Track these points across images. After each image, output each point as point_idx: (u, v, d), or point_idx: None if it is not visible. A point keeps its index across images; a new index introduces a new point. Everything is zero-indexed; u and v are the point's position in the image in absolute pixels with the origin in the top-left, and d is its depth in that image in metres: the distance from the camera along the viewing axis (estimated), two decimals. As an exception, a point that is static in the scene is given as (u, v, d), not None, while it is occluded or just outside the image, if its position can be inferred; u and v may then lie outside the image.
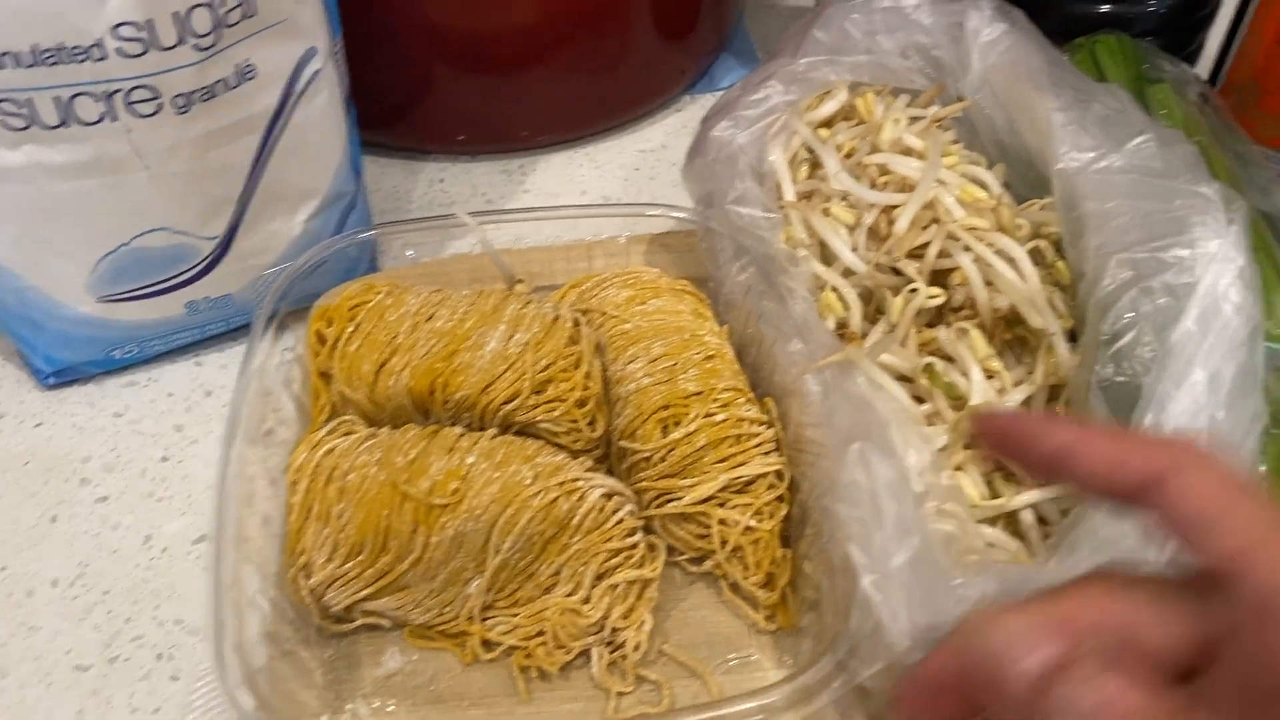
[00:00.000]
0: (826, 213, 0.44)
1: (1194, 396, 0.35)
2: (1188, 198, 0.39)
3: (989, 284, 0.42)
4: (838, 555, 0.35)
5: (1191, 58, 0.60)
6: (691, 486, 0.40)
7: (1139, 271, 0.38)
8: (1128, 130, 0.41)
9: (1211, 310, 0.36)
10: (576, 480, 0.38)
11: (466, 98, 0.59)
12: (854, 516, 0.35)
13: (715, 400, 0.41)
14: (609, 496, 0.39)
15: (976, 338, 0.40)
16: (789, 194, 0.45)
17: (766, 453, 0.41)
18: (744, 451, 0.40)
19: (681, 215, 0.48)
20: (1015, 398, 0.40)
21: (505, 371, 0.41)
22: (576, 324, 0.43)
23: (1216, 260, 0.36)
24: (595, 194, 0.59)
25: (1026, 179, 0.47)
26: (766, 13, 0.73)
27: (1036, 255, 0.43)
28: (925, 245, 0.43)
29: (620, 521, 0.38)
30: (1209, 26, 0.59)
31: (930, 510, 0.36)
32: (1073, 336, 0.41)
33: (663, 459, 0.40)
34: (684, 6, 0.63)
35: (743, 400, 0.41)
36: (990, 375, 0.41)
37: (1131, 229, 0.38)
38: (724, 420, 0.40)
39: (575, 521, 0.38)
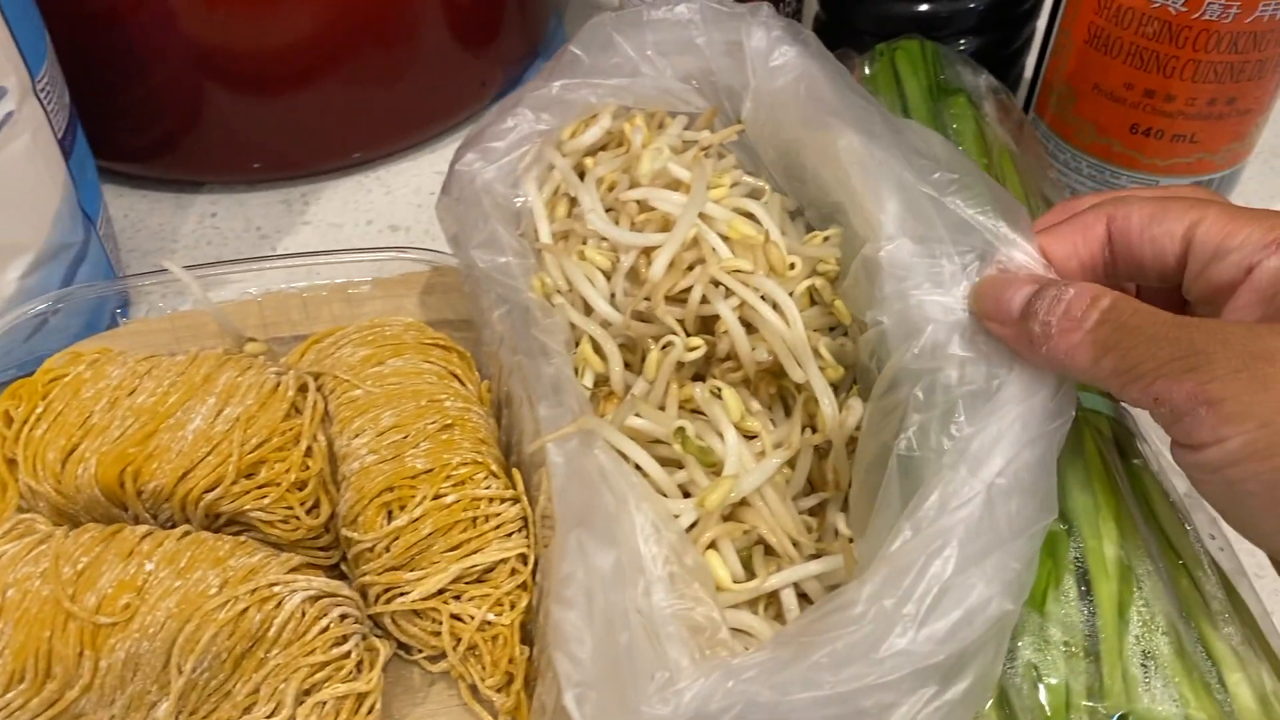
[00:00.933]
0: (582, 255, 0.40)
1: (989, 476, 0.30)
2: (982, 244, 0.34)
3: (755, 331, 0.38)
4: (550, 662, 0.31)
5: (1016, 57, 0.56)
6: (418, 580, 0.35)
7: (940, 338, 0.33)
8: (947, 177, 0.37)
9: (1022, 390, 0.32)
10: (273, 585, 0.33)
11: (238, 122, 0.54)
12: (566, 618, 0.30)
13: (448, 478, 0.36)
14: (314, 600, 0.34)
15: (729, 396, 0.36)
16: (544, 235, 0.41)
17: (509, 535, 0.36)
18: (480, 536, 0.36)
19: (434, 257, 0.43)
20: (773, 462, 0.35)
21: (208, 454, 0.36)
22: (303, 390, 0.39)
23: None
24: (383, 222, 0.54)
25: (821, 208, 0.42)
26: (588, 14, 0.68)
27: (814, 295, 0.39)
28: (689, 290, 0.39)
29: (325, 630, 0.34)
30: (1031, 23, 0.55)
31: (665, 603, 0.32)
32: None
33: (386, 549, 0.36)
34: (483, 11, 0.58)
35: (483, 475, 0.37)
36: (751, 436, 0.37)
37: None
38: (455, 502, 0.36)
39: (271, 633, 0.33)
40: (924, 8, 0.53)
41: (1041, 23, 0.53)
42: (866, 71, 0.48)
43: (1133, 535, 0.33)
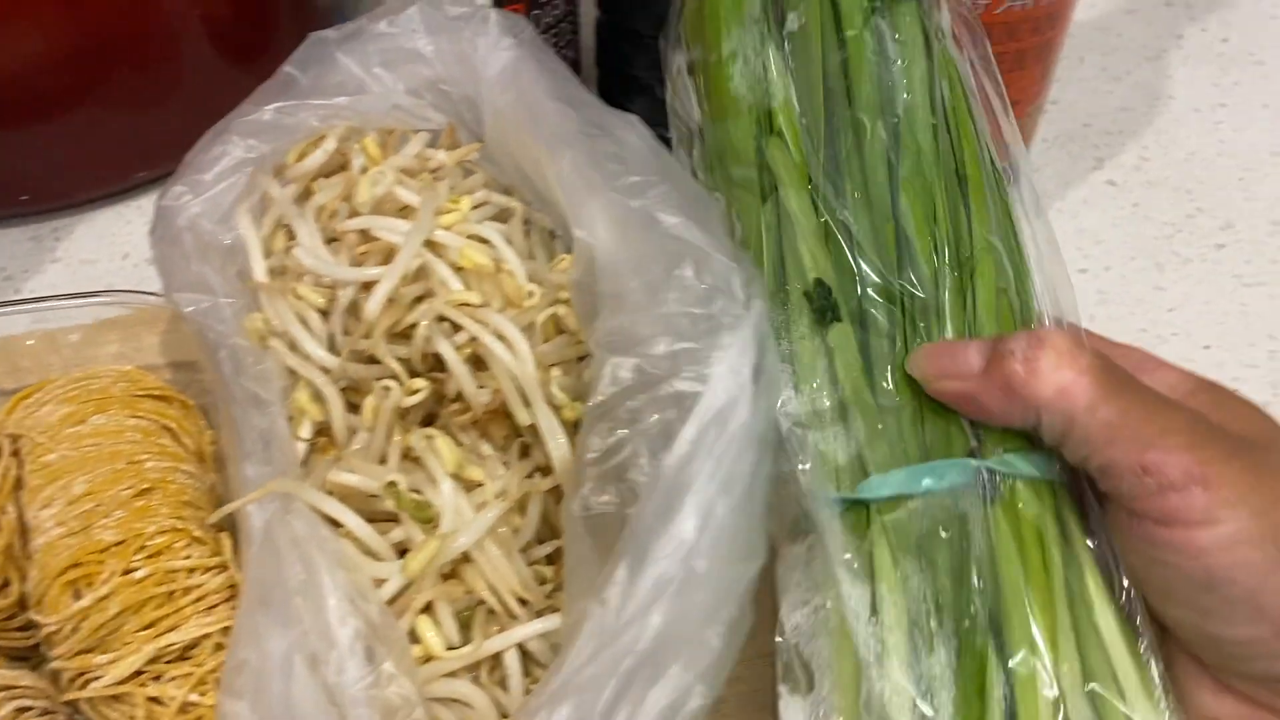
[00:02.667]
0: (296, 293, 0.37)
1: (681, 535, 0.28)
2: (699, 276, 0.32)
3: (486, 369, 0.35)
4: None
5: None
6: (110, 663, 0.32)
7: (639, 374, 0.31)
8: (640, 182, 0.34)
9: (714, 427, 0.29)
10: (-70, 686, 0.30)
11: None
12: (235, 711, 0.28)
13: (141, 549, 0.33)
14: (-23, 698, 0.31)
15: (443, 444, 0.34)
16: (258, 272, 0.38)
17: (211, 607, 0.33)
18: (177, 611, 0.33)
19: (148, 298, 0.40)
20: (489, 515, 0.33)
21: None
22: (-6, 457, 0.35)
23: (724, 364, 0.29)
24: (140, 255, 0.51)
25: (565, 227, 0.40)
26: (381, 18, 0.64)
27: (559, 324, 0.37)
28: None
29: (-5, 730, 0.31)
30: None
31: (355, 683, 0.29)
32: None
33: (74, 631, 0.33)
34: (249, 26, 0.55)
35: (183, 544, 0.34)
36: (474, 485, 0.34)
37: (639, 317, 0.31)
38: (148, 576, 0.33)
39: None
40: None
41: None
42: None
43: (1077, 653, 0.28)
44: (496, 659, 0.33)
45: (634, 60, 0.53)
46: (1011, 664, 0.27)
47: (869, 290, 0.32)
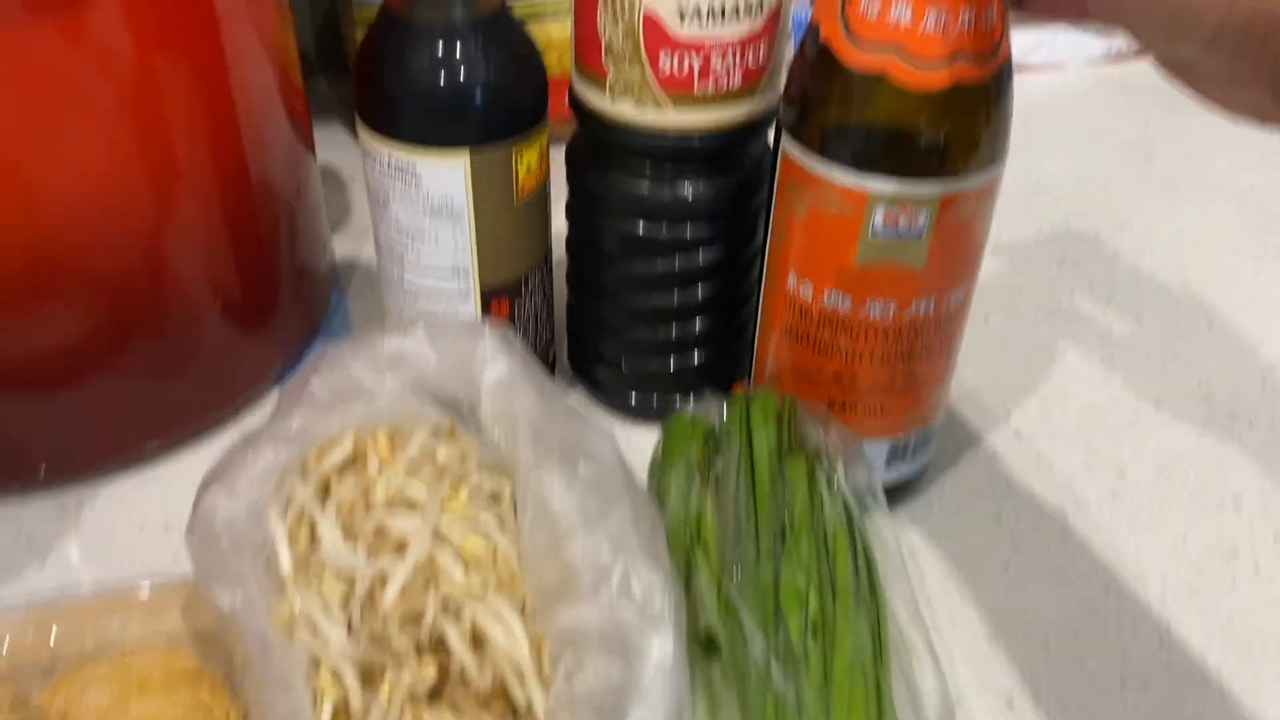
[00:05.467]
0: (319, 584, 0.42)
1: None
2: (635, 585, 0.39)
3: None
4: None
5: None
6: None
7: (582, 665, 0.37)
8: (602, 504, 0.42)
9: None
10: None
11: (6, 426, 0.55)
12: None
13: (183, 829, 0.38)
14: None
15: (451, 724, 0.39)
16: (284, 566, 0.43)
17: None
18: None
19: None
20: (494, 790, 0.38)
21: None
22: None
23: (651, 662, 0.36)
24: (159, 522, 0.56)
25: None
26: (371, 286, 0.72)
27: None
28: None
29: None
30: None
31: None
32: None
33: None
34: (259, 295, 0.61)
35: (219, 821, 0.38)
36: (479, 761, 0.39)
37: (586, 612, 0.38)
38: None
39: None
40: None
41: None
42: (723, 418, 0.51)
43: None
44: None
45: (600, 342, 0.61)
46: None
47: (753, 647, 0.42)
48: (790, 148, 0.47)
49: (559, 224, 0.59)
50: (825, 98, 0.45)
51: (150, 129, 0.51)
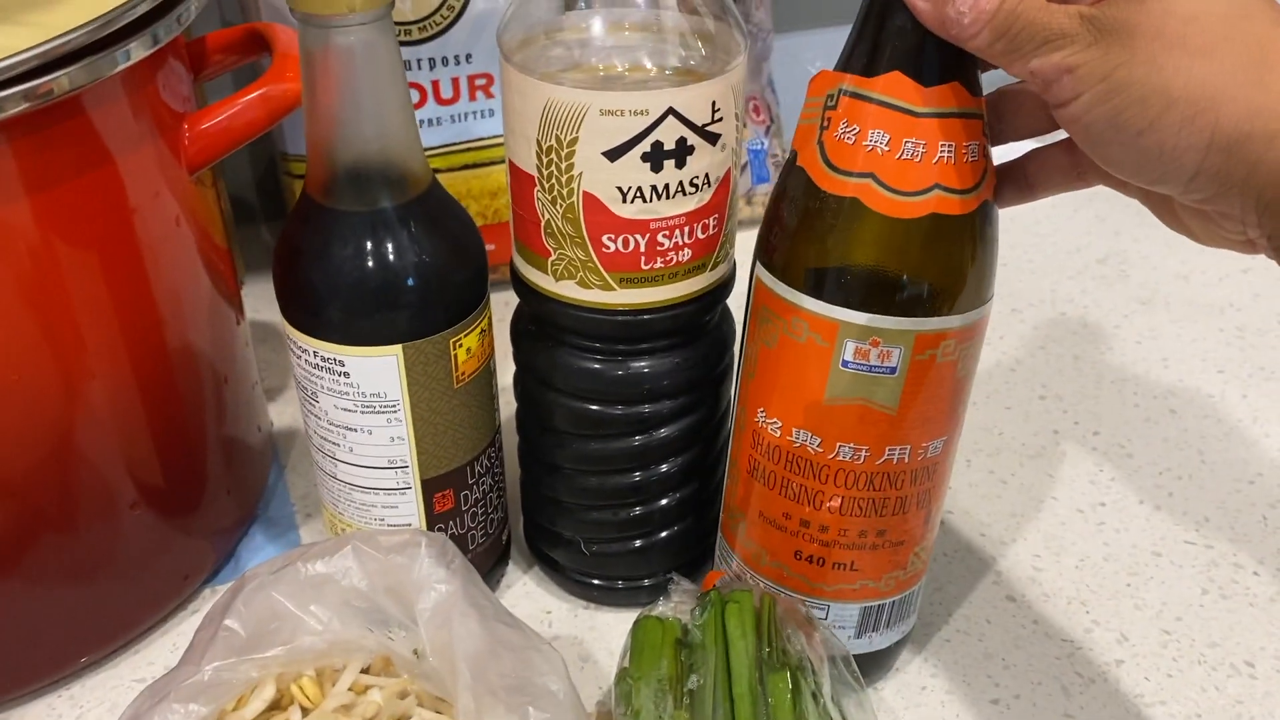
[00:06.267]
0: None
1: None
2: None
3: None
4: None
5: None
6: None
7: None
8: None
9: None
10: None
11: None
12: None
13: None
14: None
15: None
16: (196, 843, 0.38)
17: None
18: None
19: None
20: None
21: None
22: None
23: None
24: (70, 757, 0.50)
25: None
26: (310, 464, 0.67)
27: None
28: None
29: None
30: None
31: None
32: None
33: None
34: (184, 479, 0.55)
35: None
36: None
37: None
38: None
39: None
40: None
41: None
42: (696, 617, 0.47)
43: None
44: None
45: (556, 521, 0.56)
46: None
47: None
48: (762, 273, 0.44)
49: (508, 392, 0.55)
50: (799, 223, 0.42)
51: (54, 312, 0.46)
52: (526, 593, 0.59)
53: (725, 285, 0.50)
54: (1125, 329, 0.81)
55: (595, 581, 0.58)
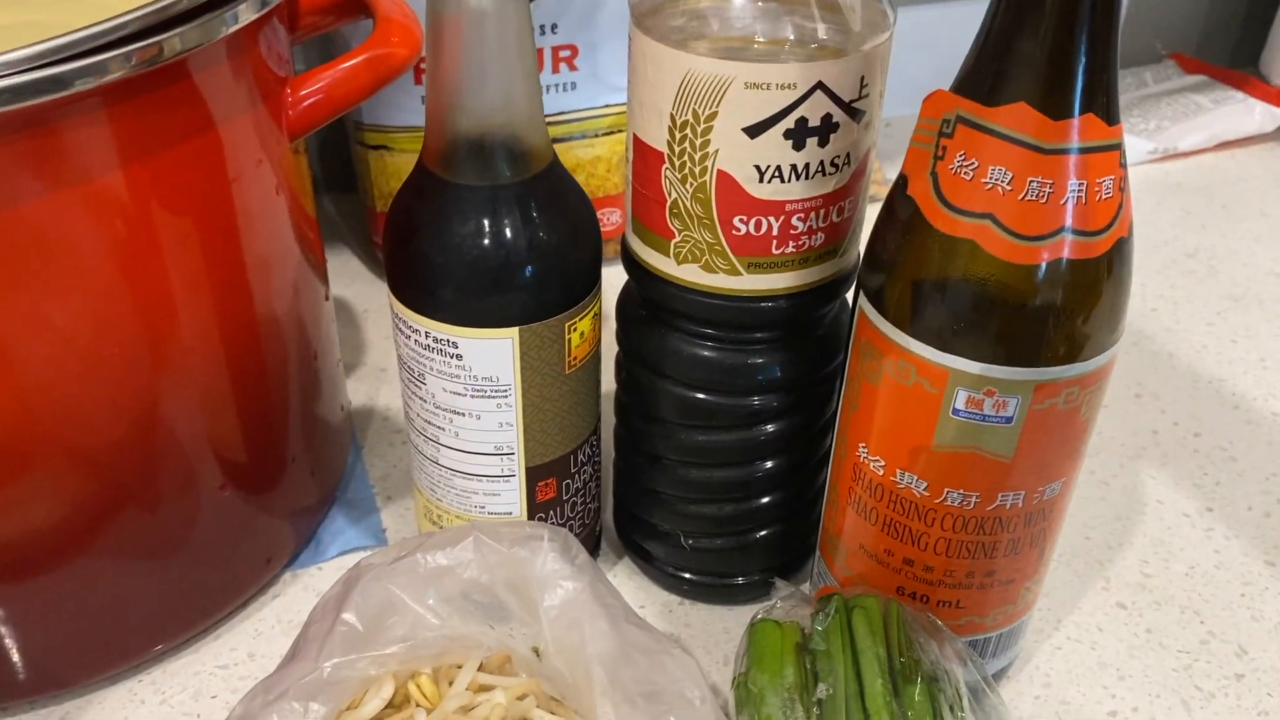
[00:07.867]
0: None
1: None
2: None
3: None
4: None
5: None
6: None
7: None
8: None
9: None
10: None
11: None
12: None
13: None
14: None
15: None
16: None
17: None
18: None
19: None
20: None
21: None
22: None
23: None
24: (155, 745, 0.49)
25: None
26: (390, 441, 0.65)
27: None
28: None
29: None
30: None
31: None
32: None
33: None
34: (266, 457, 0.53)
35: None
36: None
37: None
38: None
39: None
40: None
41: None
42: (819, 624, 0.44)
43: None
44: None
45: (653, 513, 0.54)
46: None
47: None
48: (865, 306, 0.41)
49: (608, 381, 0.53)
50: (907, 260, 0.39)
51: (147, 288, 0.44)
52: (617, 586, 0.57)
53: (852, 273, 0.48)
54: (1219, 326, 0.78)
55: (688, 576, 0.55)
